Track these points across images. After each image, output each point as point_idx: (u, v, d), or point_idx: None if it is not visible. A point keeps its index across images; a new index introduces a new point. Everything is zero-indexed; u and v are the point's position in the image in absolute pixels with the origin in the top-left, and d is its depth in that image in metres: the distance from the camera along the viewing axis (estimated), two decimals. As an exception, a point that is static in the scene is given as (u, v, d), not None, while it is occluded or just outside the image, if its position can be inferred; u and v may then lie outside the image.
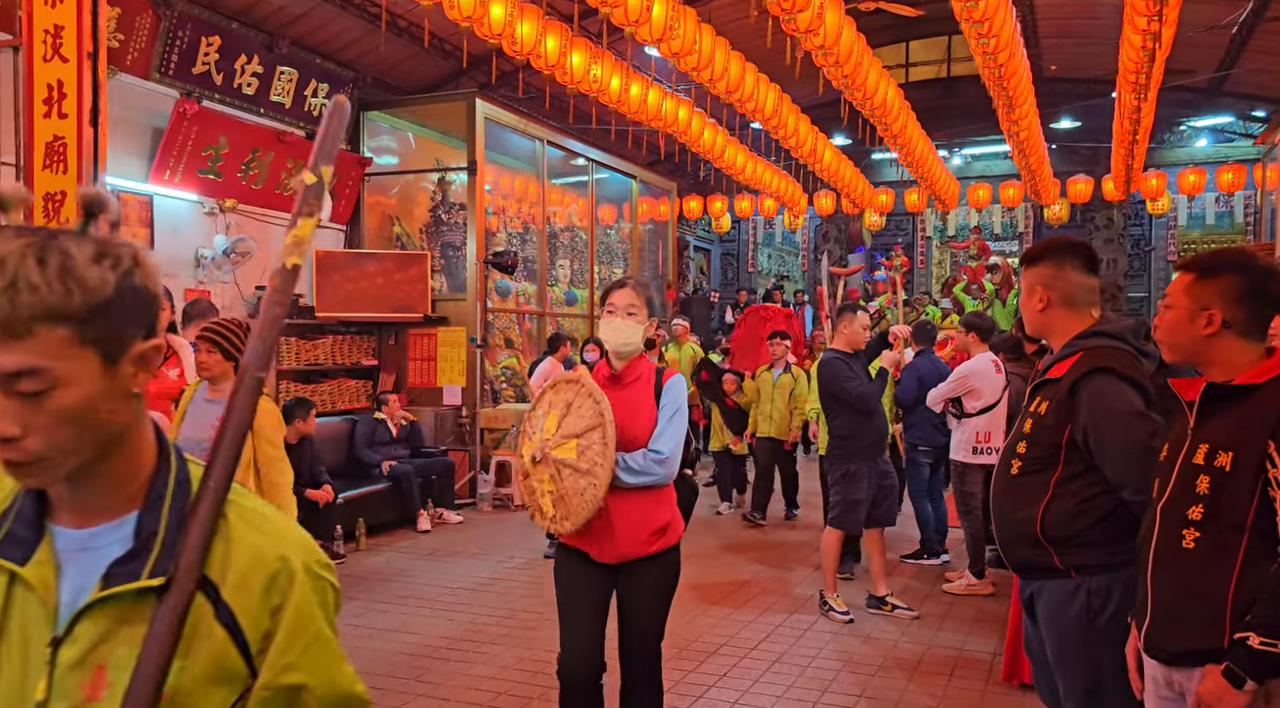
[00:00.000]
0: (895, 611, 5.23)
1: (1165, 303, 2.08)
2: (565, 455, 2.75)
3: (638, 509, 2.82)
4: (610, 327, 2.88)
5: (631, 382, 2.90)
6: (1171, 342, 2.05)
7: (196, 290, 7.35)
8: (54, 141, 4.67)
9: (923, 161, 10.90)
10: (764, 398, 7.80)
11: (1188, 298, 2.01)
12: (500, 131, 9.55)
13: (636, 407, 2.84)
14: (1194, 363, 2.05)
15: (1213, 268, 2.01)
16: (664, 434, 2.82)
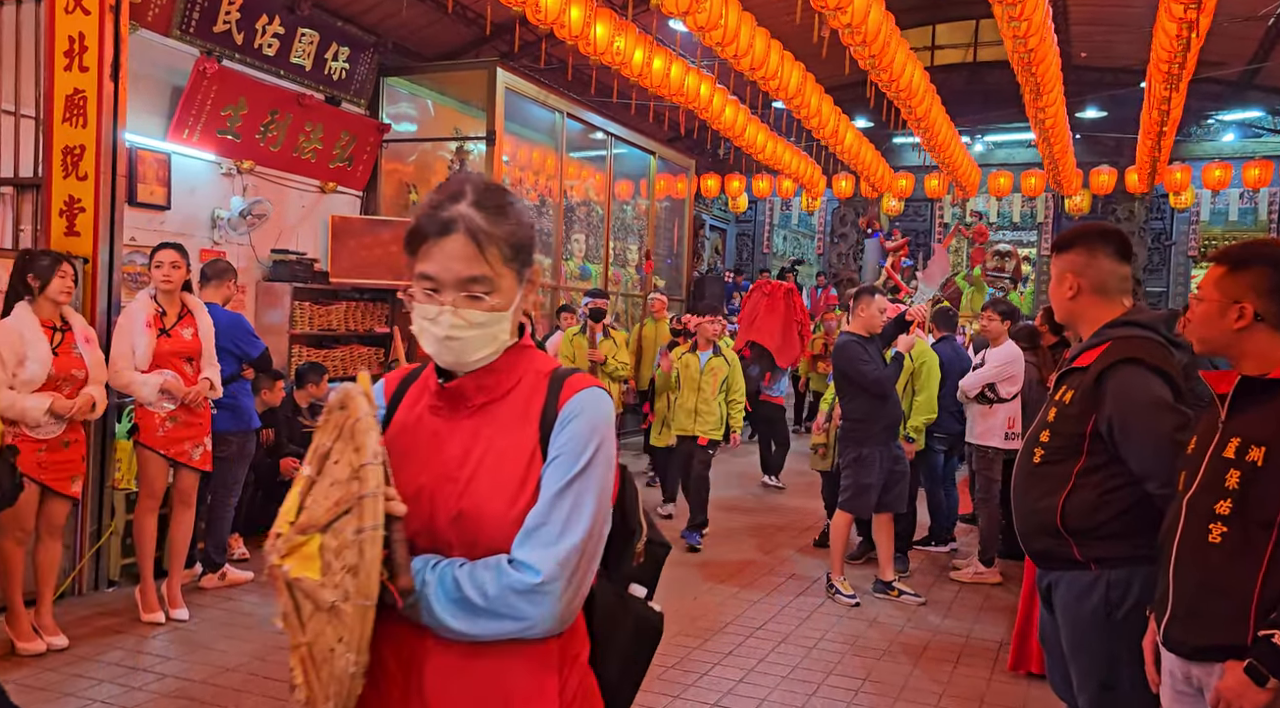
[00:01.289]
0: (902, 596, 5.22)
1: (1196, 295, 2.04)
2: (301, 571, 1.33)
3: (482, 686, 1.34)
4: (428, 317, 1.38)
5: (488, 404, 1.42)
6: (1203, 335, 2.02)
7: (212, 251, 7.33)
8: (74, 94, 4.65)
9: (945, 147, 10.78)
10: (686, 386, 6.52)
11: (1218, 291, 1.97)
12: (520, 102, 9.47)
13: (496, 456, 1.38)
14: (1226, 356, 2.01)
15: (1244, 260, 1.97)
16: (546, 526, 1.32)
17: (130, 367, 4.33)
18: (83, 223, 4.70)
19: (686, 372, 6.56)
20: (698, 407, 6.46)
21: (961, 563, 5.92)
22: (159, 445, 4.42)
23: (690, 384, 6.49)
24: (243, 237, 7.54)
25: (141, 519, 4.50)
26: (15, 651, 3.94)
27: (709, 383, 6.47)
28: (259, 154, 7.59)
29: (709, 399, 6.46)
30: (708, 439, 6.45)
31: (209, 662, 4.00)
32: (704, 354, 6.58)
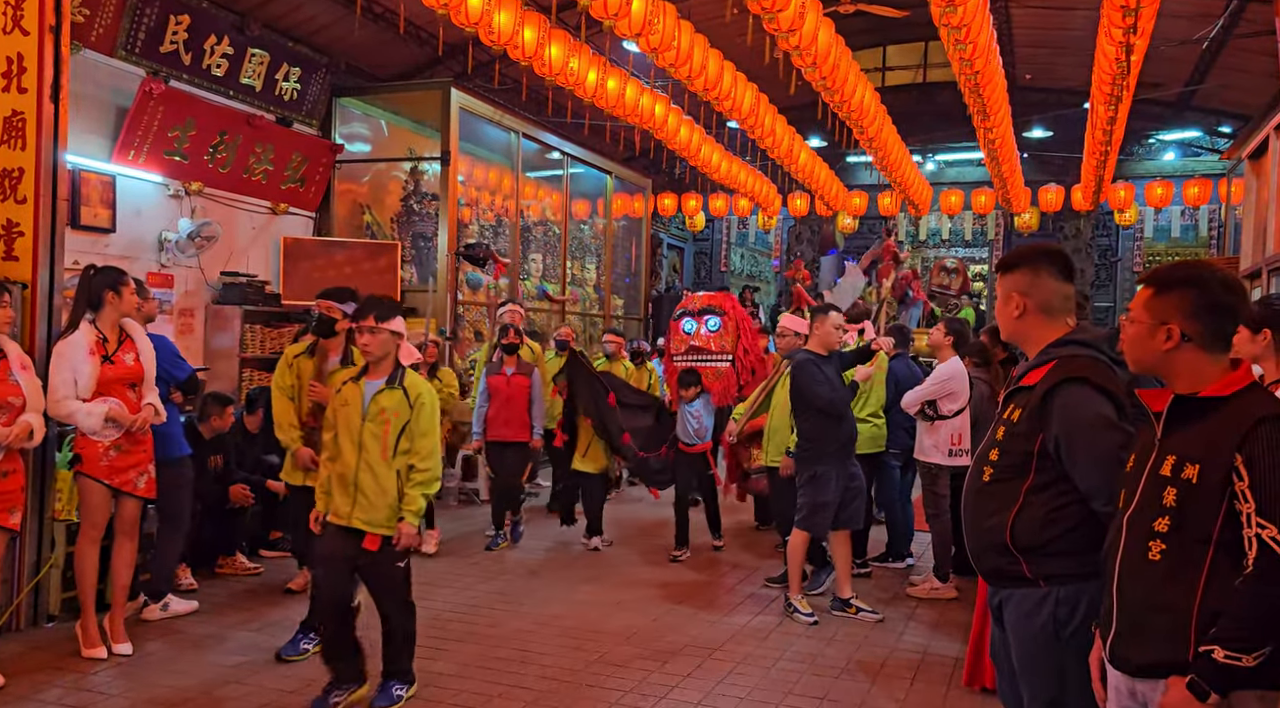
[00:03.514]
0: (859, 614, 5.23)
1: (1128, 317, 2.09)
2: None
3: None
4: None
5: None
6: (1135, 356, 2.08)
7: (159, 274, 7.20)
8: (12, 116, 4.55)
9: (897, 166, 10.95)
10: None
11: (1147, 313, 2.02)
12: (475, 122, 9.46)
13: None
14: (1159, 375, 2.05)
15: (1168, 282, 2.02)
16: None
17: (71, 396, 4.21)
18: (21, 247, 4.58)
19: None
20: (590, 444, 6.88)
21: (918, 579, 5.96)
22: (102, 475, 4.30)
23: None
24: (191, 259, 7.41)
25: (83, 551, 4.36)
26: (-51, 690, 3.80)
27: None
28: (208, 175, 7.49)
29: None
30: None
31: (153, 698, 3.88)
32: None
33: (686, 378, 6.41)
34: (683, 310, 6.76)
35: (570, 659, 4.48)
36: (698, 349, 6.52)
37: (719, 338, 6.57)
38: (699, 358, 6.50)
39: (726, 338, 6.57)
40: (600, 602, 5.43)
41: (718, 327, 6.56)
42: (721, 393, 6.56)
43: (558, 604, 5.38)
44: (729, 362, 6.59)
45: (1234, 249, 10.99)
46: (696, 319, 6.61)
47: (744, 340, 6.70)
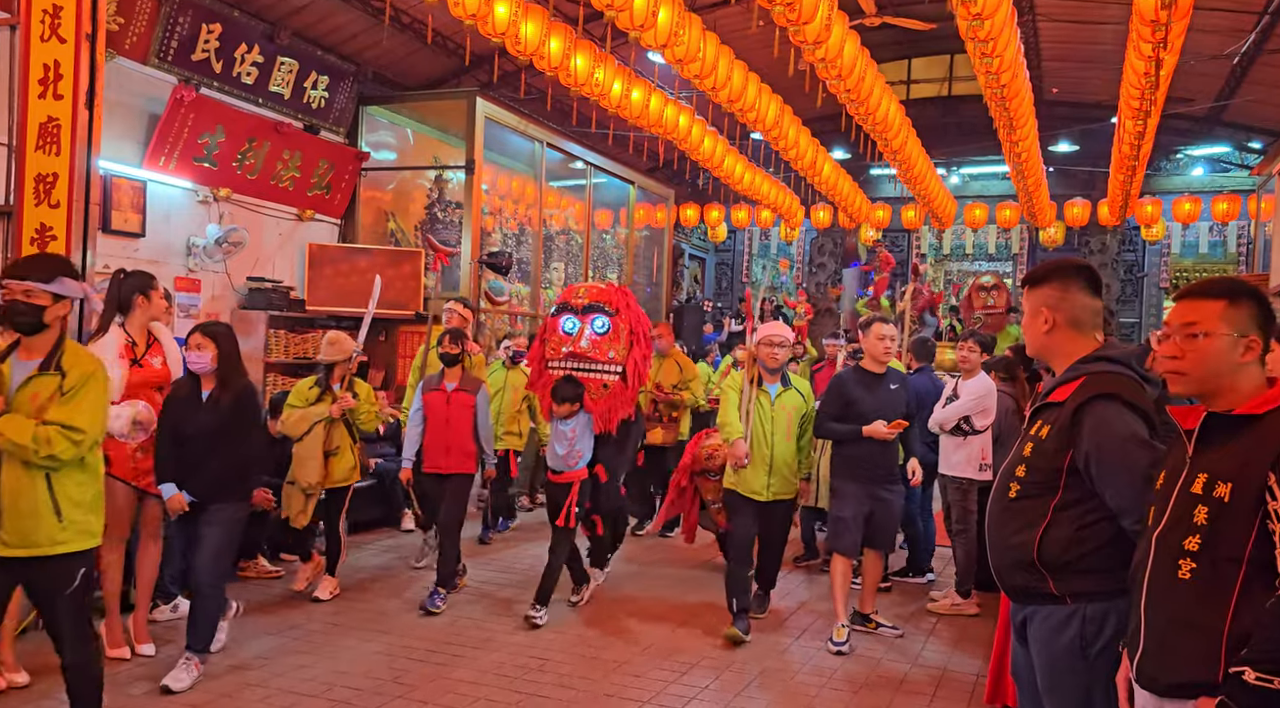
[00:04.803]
0: (879, 629, 5.17)
1: (1192, 329, 1.96)
2: None
3: None
4: None
5: None
6: (1209, 369, 1.94)
7: (187, 279, 7.28)
8: (48, 122, 4.62)
9: (921, 179, 10.91)
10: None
11: (1226, 324, 1.93)
12: (500, 132, 9.51)
13: None
14: (1207, 392, 1.97)
15: (1237, 292, 1.95)
16: None
17: (99, 397, 4.26)
18: (54, 251, 4.64)
19: None
20: None
21: (939, 594, 5.91)
22: (128, 476, 4.34)
23: None
24: (218, 264, 7.49)
25: (108, 554, 4.40)
26: (-26, 689, 3.85)
27: None
28: (236, 182, 7.57)
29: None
30: None
31: (175, 699, 3.91)
32: None
33: (564, 389, 5.11)
34: (563, 305, 5.37)
35: (588, 668, 4.47)
36: (580, 356, 5.21)
37: (608, 343, 5.20)
38: (581, 366, 5.21)
39: (617, 343, 5.21)
40: (614, 614, 5.42)
41: (606, 329, 5.21)
42: (605, 414, 5.20)
43: (570, 615, 5.38)
44: (618, 374, 5.22)
45: (1263, 266, 10.86)
46: (580, 318, 5.25)
47: (638, 349, 5.32)
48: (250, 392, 4.28)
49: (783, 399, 5.02)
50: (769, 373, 5.04)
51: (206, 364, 4.12)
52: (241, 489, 4.23)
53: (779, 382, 5.06)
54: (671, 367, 7.36)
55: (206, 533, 4.10)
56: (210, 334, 4.19)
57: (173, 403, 4.21)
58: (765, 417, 4.97)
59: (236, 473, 4.16)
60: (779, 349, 5.00)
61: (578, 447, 5.17)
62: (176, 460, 4.12)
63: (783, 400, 5.02)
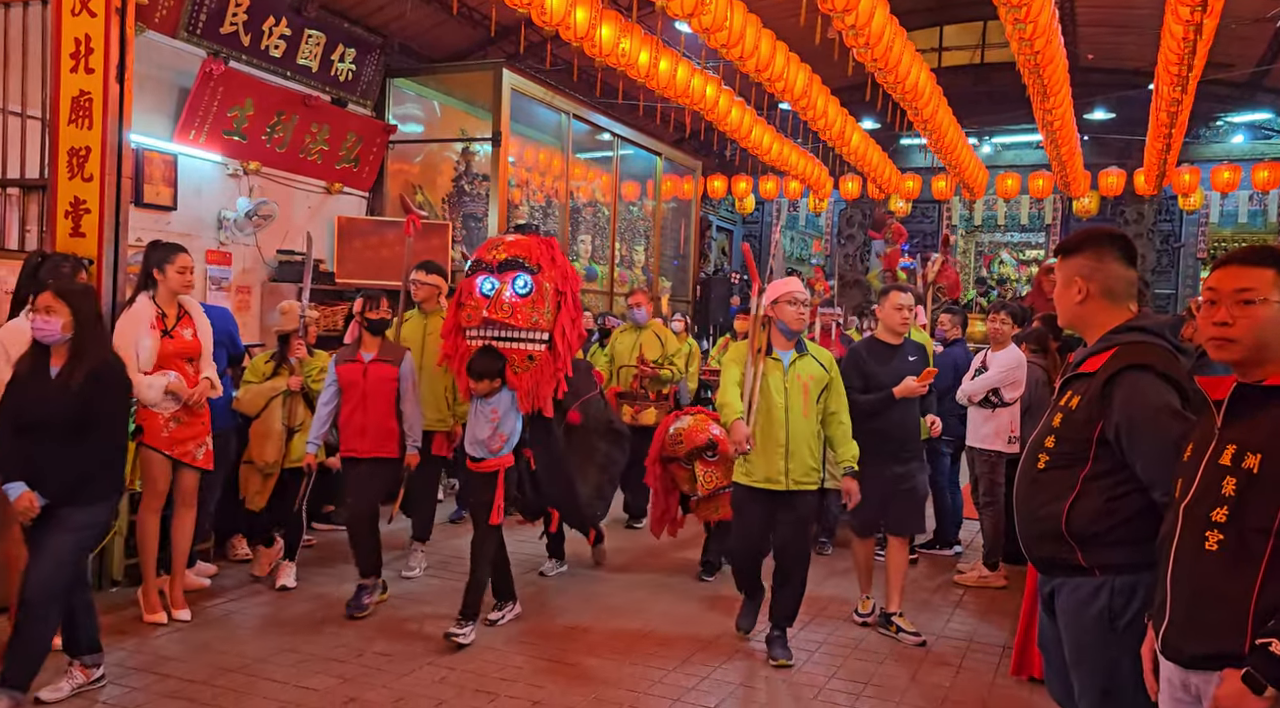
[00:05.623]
0: (900, 634, 4.64)
1: (1246, 295, 1.91)
2: None
3: None
4: None
5: None
6: (1255, 338, 1.89)
7: (218, 252, 7.36)
8: (80, 96, 4.67)
9: (952, 149, 10.74)
10: None
11: (1278, 292, 1.88)
12: (526, 103, 9.48)
13: None
14: (1251, 360, 1.92)
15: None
16: None
17: (135, 369, 4.34)
18: (88, 224, 4.71)
19: None
20: None
21: (966, 566, 5.90)
22: (163, 446, 4.43)
23: None
24: (249, 237, 7.56)
25: (145, 520, 4.51)
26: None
27: None
28: (265, 155, 7.61)
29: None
30: None
31: (210, 663, 4.01)
32: None
33: (480, 363, 4.38)
34: (477, 263, 4.59)
35: (620, 642, 4.52)
36: (499, 323, 4.43)
37: (530, 306, 4.41)
38: (501, 335, 4.45)
39: (541, 306, 4.43)
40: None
41: (529, 289, 4.41)
42: (530, 391, 4.48)
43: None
44: (544, 343, 4.49)
45: (1304, 236, 10.61)
46: (498, 277, 4.46)
47: (566, 312, 4.55)
48: (111, 368, 3.49)
49: (798, 368, 4.22)
50: (786, 337, 4.25)
51: (54, 333, 3.38)
52: (101, 488, 3.49)
53: (793, 348, 4.25)
54: (651, 339, 6.72)
55: (51, 541, 3.34)
56: (62, 295, 3.41)
57: (14, 383, 3.44)
58: (777, 389, 4.18)
59: (96, 469, 3.41)
60: (802, 307, 4.20)
61: (501, 429, 4.43)
62: (19, 453, 3.34)
63: (798, 370, 4.22)
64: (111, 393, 3.47)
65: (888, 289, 4.90)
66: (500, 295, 4.41)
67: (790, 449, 4.17)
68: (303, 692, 3.75)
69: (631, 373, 6.62)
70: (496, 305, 4.40)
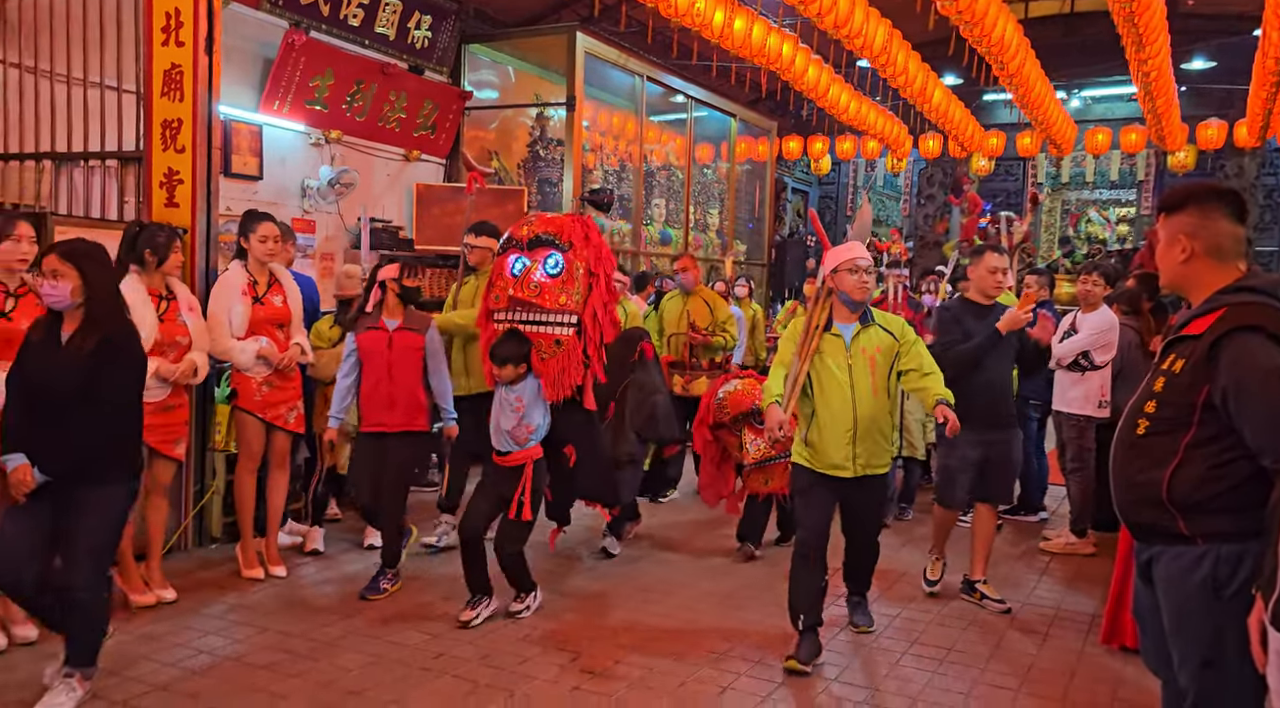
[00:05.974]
0: (984, 601, 4.57)
1: None
2: None
3: None
4: None
5: None
6: None
7: (302, 220, 7.54)
8: (171, 69, 4.80)
9: (1039, 103, 10.34)
10: None
11: None
12: (600, 67, 9.43)
13: None
14: None
15: None
16: None
17: (228, 334, 4.50)
18: (181, 194, 4.87)
19: None
20: None
21: (1052, 533, 5.77)
22: (256, 409, 4.59)
23: None
24: (331, 205, 7.72)
25: (241, 480, 4.70)
26: (128, 603, 4.18)
27: None
28: (345, 124, 7.74)
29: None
30: None
31: (306, 618, 4.17)
32: None
33: (504, 347, 4.09)
34: (508, 241, 4.33)
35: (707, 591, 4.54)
36: (525, 304, 4.14)
37: (559, 287, 4.13)
38: (527, 317, 4.17)
39: (571, 287, 4.15)
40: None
41: (559, 269, 4.14)
42: (556, 378, 4.16)
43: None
44: (573, 327, 4.16)
45: None
46: (529, 255, 4.19)
47: (598, 294, 4.21)
48: (124, 336, 3.24)
49: (862, 342, 3.82)
50: (849, 309, 3.84)
51: (64, 298, 3.14)
52: (113, 469, 3.22)
53: (857, 320, 3.84)
54: (700, 306, 6.40)
55: (80, 526, 3.14)
56: (68, 256, 3.15)
57: (26, 350, 3.23)
58: (838, 368, 3.78)
59: (104, 445, 3.16)
60: (865, 275, 3.78)
61: (527, 420, 4.14)
62: (30, 426, 3.12)
63: (862, 343, 3.81)
64: (123, 363, 3.20)
65: (981, 249, 4.67)
66: (529, 275, 4.13)
67: (859, 433, 3.77)
68: (392, 646, 3.87)
69: (682, 340, 6.37)
70: (523, 284, 4.11)
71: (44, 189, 5.29)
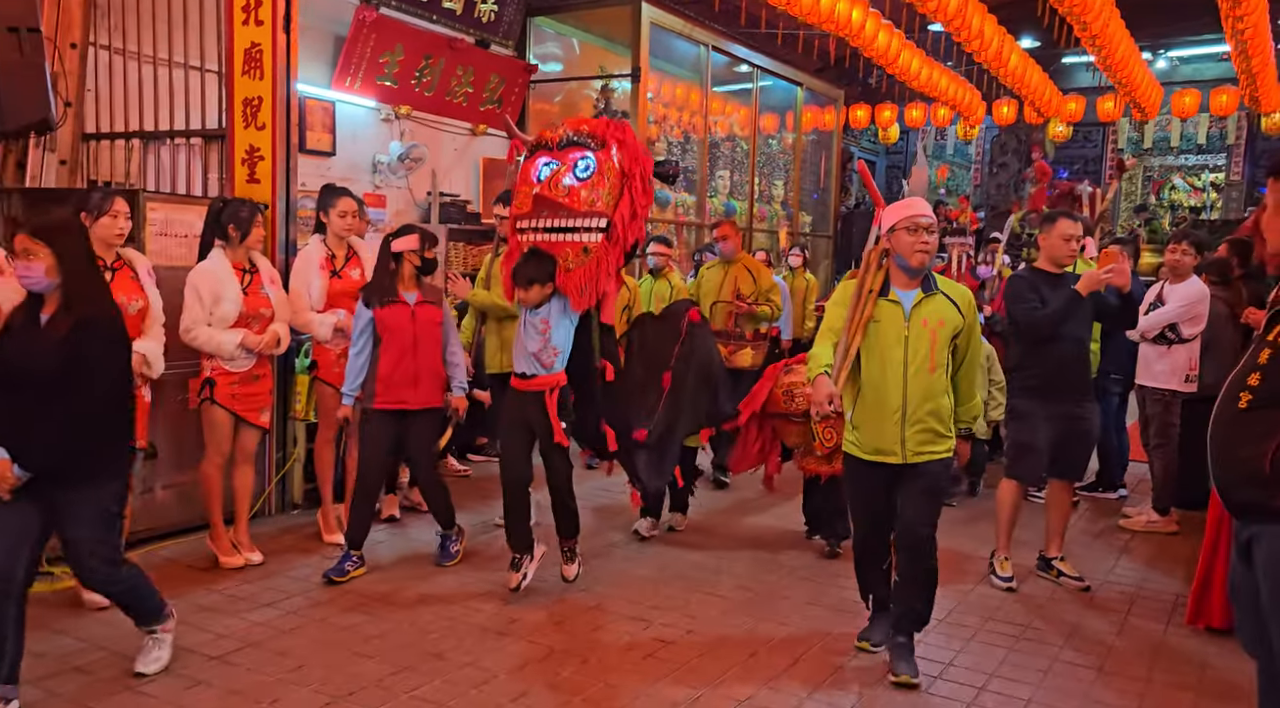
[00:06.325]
0: (1061, 578, 4.48)
1: None
2: None
3: None
4: None
5: None
6: None
7: (373, 195, 7.66)
8: (251, 48, 4.90)
9: (1123, 65, 9.92)
10: None
11: None
12: (665, 37, 9.35)
13: None
14: None
15: None
16: None
17: (308, 307, 4.61)
18: (262, 170, 4.99)
19: None
20: None
21: (1132, 511, 5.63)
22: (335, 380, 4.70)
23: None
24: (401, 180, 7.83)
25: (321, 449, 4.83)
26: (218, 565, 4.35)
27: None
28: (414, 99, 7.81)
29: None
30: None
31: (385, 580, 4.29)
32: None
33: (528, 268, 3.91)
34: (538, 144, 4.03)
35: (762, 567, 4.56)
36: (552, 205, 3.85)
37: (589, 189, 3.82)
38: (553, 222, 3.89)
39: (602, 187, 3.82)
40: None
41: (589, 171, 3.84)
42: (582, 286, 3.90)
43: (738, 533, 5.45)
44: (602, 231, 3.85)
45: None
46: (560, 158, 3.91)
47: (628, 200, 3.86)
48: (104, 317, 2.97)
49: (923, 311, 3.36)
50: (907, 275, 3.40)
51: (39, 278, 2.89)
52: (104, 463, 2.99)
53: (918, 286, 3.40)
54: (742, 274, 6.00)
55: (73, 537, 3.00)
56: (40, 234, 2.89)
57: (5, 335, 2.97)
58: (894, 339, 3.35)
59: (91, 439, 2.91)
60: (927, 236, 3.32)
61: (554, 341, 3.97)
62: (7, 418, 2.86)
63: (923, 312, 3.36)
64: (102, 345, 2.91)
65: (1054, 216, 4.43)
66: (558, 178, 3.84)
67: (908, 414, 3.33)
68: (468, 610, 3.97)
69: (724, 310, 5.95)
70: (552, 184, 3.82)
71: (134, 167, 5.47)
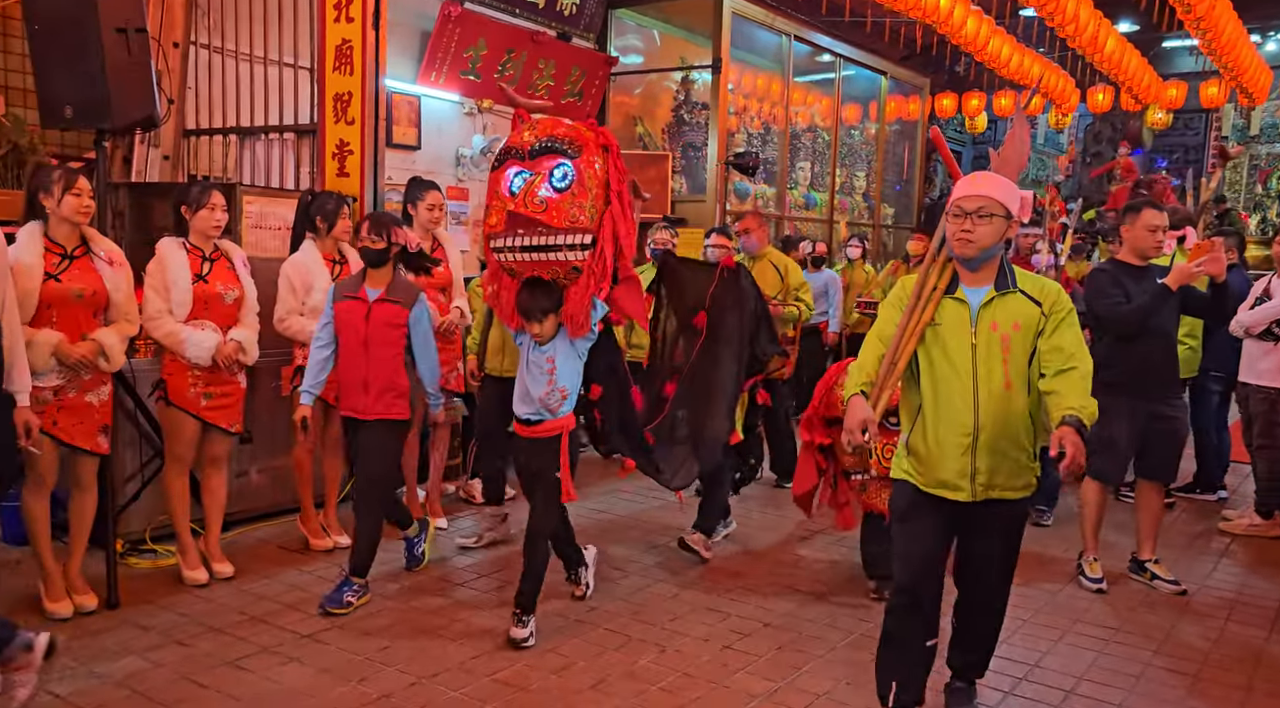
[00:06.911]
0: (1155, 581, 4.34)
1: None
2: None
3: None
4: None
5: None
6: None
7: (456, 188, 7.80)
8: (342, 45, 5.05)
9: (1230, 48, 9.46)
10: None
11: None
12: (746, 27, 9.29)
13: None
14: None
15: None
16: None
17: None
18: (351, 164, 5.14)
19: None
20: None
21: (1233, 514, 5.38)
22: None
23: None
24: (484, 174, 7.95)
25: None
26: (309, 547, 4.51)
27: None
28: (497, 93, 7.91)
29: None
30: None
31: (466, 568, 4.39)
32: None
33: (534, 298, 3.45)
34: (507, 152, 3.53)
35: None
36: (528, 222, 3.38)
37: (569, 202, 3.36)
38: (532, 241, 3.38)
39: (583, 200, 3.37)
40: None
41: (568, 181, 3.37)
42: (576, 313, 3.45)
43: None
44: (587, 248, 3.39)
45: None
46: (533, 168, 3.43)
47: (613, 218, 3.44)
48: None
49: (994, 313, 2.71)
50: (968, 268, 2.75)
51: None
52: None
53: (990, 283, 2.73)
54: (768, 271, 5.49)
55: None
56: None
57: None
58: (959, 348, 2.71)
59: None
60: (976, 220, 2.69)
61: (560, 383, 3.50)
62: None
63: (994, 314, 2.70)
64: None
65: (1139, 206, 4.22)
66: (532, 191, 3.37)
67: (980, 441, 2.69)
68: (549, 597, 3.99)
69: None
70: (527, 198, 3.37)
71: (231, 161, 5.69)
